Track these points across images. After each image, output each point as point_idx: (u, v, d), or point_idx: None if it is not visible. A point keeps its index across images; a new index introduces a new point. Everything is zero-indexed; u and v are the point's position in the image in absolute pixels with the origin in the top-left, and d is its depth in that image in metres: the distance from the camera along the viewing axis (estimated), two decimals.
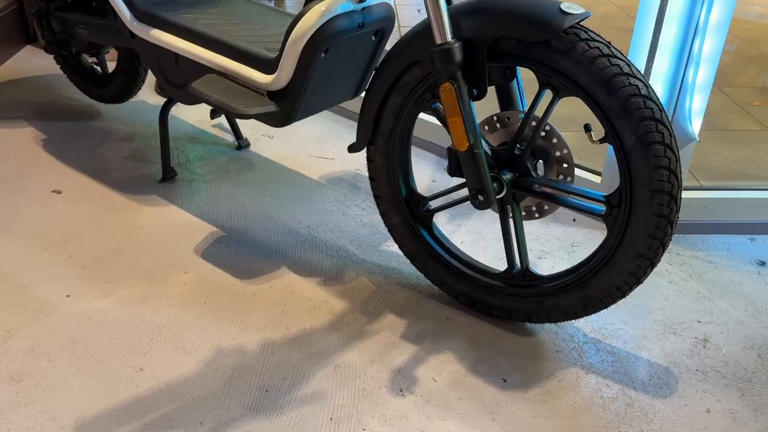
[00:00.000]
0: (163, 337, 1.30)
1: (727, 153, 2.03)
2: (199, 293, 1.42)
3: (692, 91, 1.45)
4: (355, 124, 2.20)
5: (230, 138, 2.04)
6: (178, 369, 1.23)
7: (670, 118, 1.49)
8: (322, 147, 2.05)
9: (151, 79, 2.13)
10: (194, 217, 1.67)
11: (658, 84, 1.45)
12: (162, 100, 1.81)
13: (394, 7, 1.42)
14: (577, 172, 1.68)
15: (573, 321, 1.36)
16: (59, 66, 2.15)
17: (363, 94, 1.36)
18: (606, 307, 1.22)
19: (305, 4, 1.34)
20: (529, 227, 1.65)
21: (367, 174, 1.90)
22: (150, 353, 1.26)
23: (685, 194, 1.58)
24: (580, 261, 1.24)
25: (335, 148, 2.05)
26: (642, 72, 1.45)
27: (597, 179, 1.66)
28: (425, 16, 1.13)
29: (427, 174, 1.92)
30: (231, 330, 1.33)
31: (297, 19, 1.30)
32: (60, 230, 1.60)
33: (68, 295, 1.40)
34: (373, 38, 1.43)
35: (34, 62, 2.55)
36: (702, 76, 1.44)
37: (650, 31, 1.40)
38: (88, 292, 1.41)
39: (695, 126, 1.50)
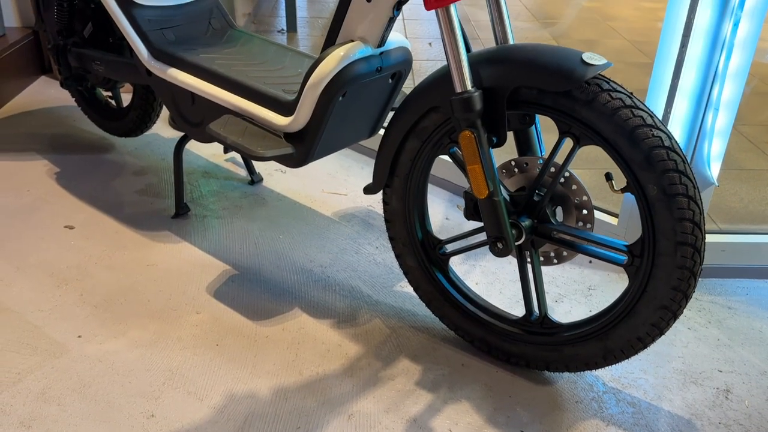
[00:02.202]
0: (175, 382, 1.28)
1: (744, 194, 2.01)
2: (211, 335, 1.40)
3: (711, 136, 1.44)
4: (368, 159, 2.20)
5: (243, 173, 2.04)
6: (189, 415, 1.21)
7: (689, 162, 1.48)
8: (334, 182, 2.04)
9: (165, 112, 2.14)
10: (207, 255, 1.66)
11: (677, 128, 1.44)
12: (175, 133, 1.81)
13: (410, 50, 1.43)
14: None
15: None
16: (74, 99, 2.16)
17: (380, 134, 1.36)
18: (627, 357, 1.19)
19: (324, 47, 1.34)
20: (545, 269, 1.64)
21: (379, 210, 1.90)
22: (161, 398, 1.24)
23: None
24: (600, 310, 1.22)
25: (348, 184, 2.04)
26: (661, 117, 1.44)
27: (614, 221, 1.64)
28: (436, 48, 1.12)
29: (440, 211, 1.91)
30: (243, 374, 1.31)
31: (316, 63, 1.30)
32: (72, 267, 1.59)
33: (79, 336, 1.38)
34: (390, 80, 1.42)
35: (49, 93, 2.57)
36: (721, 121, 1.43)
37: (669, 76, 1.40)
38: (100, 333, 1.39)
39: (714, 171, 1.49)
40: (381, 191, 1.38)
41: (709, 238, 1.58)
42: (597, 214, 1.67)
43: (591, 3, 4.28)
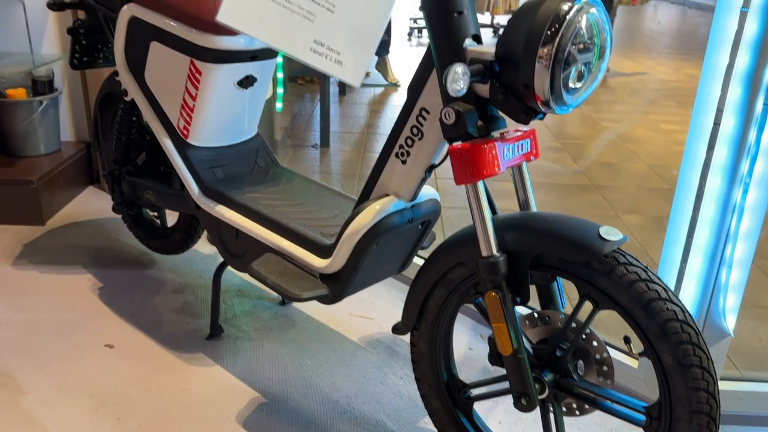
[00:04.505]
0: None
1: (763, 333, 2.04)
2: None
3: (726, 291, 1.51)
4: (394, 282, 2.29)
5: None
6: None
7: (704, 316, 1.55)
8: (361, 305, 2.12)
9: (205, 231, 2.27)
10: (237, 380, 1.73)
11: (692, 282, 1.51)
12: (212, 249, 1.91)
13: (439, 200, 1.54)
14: (615, 354, 1.71)
15: None
16: (120, 215, 2.31)
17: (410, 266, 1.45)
18: None
19: (360, 198, 1.46)
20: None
21: (404, 337, 1.96)
22: None
23: (721, 385, 1.60)
24: None
25: (374, 307, 2.12)
26: (677, 272, 1.52)
27: (634, 363, 1.68)
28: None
29: (464, 341, 1.97)
30: None
31: (355, 214, 1.41)
32: (110, 388, 1.67)
33: None
34: (420, 227, 1.53)
35: (95, 205, 2.74)
36: (735, 277, 1.50)
37: (683, 234, 1.49)
38: None
39: (730, 322, 1.54)
40: (409, 333, 1.46)
41: (728, 385, 1.61)
42: (616, 353, 1.72)
43: (610, 123, 4.46)
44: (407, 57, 6.54)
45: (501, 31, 6.32)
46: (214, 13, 1.53)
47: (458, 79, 1.08)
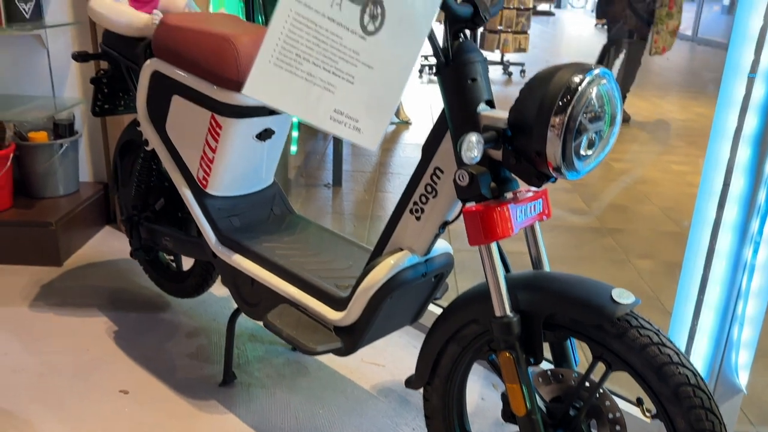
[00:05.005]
0: None
1: None
2: None
3: (738, 347, 1.52)
4: (405, 328, 2.30)
5: None
6: None
7: (717, 372, 1.55)
8: (373, 352, 2.13)
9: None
10: (250, 429, 1.74)
11: (704, 339, 1.52)
12: (226, 292, 1.94)
13: (452, 254, 1.57)
14: (626, 406, 1.71)
15: None
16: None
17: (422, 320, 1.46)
18: None
19: (374, 252, 1.49)
20: None
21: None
22: None
23: None
24: None
25: (386, 354, 2.13)
26: (688, 328, 1.53)
27: (648, 421, 1.68)
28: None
29: (476, 390, 1.97)
30: None
31: (369, 268, 1.44)
32: None
33: None
34: (433, 280, 1.56)
35: (112, 245, 2.78)
36: (747, 334, 1.50)
37: (695, 290, 1.50)
38: None
39: (742, 379, 1.54)
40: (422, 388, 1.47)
41: None
42: (627, 405, 1.72)
43: (620, 164, 4.49)
44: (419, 94, 6.63)
45: (510, 68, 6.36)
46: (236, 72, 1.59)
47: (473, 147, 1.11)
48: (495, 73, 7.59)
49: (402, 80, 1.14)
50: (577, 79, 1.10)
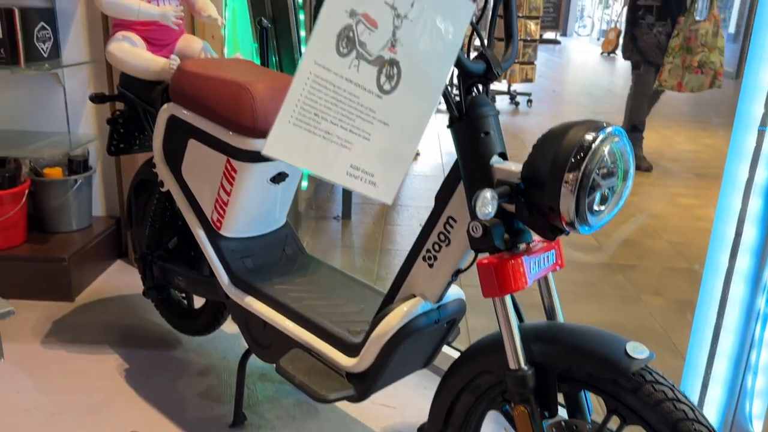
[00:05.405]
0: None
1: None
2: None
3: (752, 396, 1.51)
4: (416, 370, 2.30)
5: None
6: None
7: (731, 421, 1.54)
8: (384, 393, 2.12)
9: None
10: None
11: (718, 387, 1.51)
12: (236, 329, 1.94)
13: (465, 299, 1.57)
14: None
15: None
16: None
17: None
18: None
19: (386, 298, 1.50)
20: None
21: None
22: None
23: None
24: None
25: (397, 395, 2.12)
26: (702, 377, 1.52)
27: None
28: None
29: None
30: None
31: (382, 315, 1.44)
32: None
33: None
34: (446, 326, 1.56)
35: (123, 279, 2.79)
36: (761, 383, 1.50)
37: (708, 339, 1.50)
38: None
39: (756, 428, 1.53)
40: None
41: None
42: None
43: (629, 197, 4.49)
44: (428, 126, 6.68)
45: (518, 97, 6.34)
46: (252, 120, 1.61)
47: (487, 203, 1.13)
48: (502, 102, 7.65)
49: (417, 135, 1.16)
50: (590, 137, 1.11)
